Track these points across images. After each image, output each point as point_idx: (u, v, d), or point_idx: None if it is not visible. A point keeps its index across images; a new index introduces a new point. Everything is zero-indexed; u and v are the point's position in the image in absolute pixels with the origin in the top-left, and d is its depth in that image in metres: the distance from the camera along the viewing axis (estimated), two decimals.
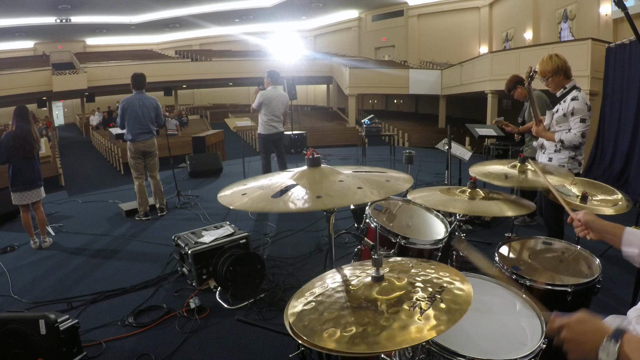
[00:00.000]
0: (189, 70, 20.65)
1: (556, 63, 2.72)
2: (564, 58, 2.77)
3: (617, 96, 6.91)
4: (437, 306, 0.96)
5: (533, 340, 1.22)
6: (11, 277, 3.42)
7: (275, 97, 5.30)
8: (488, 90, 12.39)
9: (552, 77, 2.76)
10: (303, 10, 23.10)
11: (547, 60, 2.75)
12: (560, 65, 2.72)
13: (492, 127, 5.50)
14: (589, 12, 12.00)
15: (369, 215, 2.11)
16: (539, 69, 2.78)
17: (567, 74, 2.77)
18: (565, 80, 2.78)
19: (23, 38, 23.42)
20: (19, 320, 2.03)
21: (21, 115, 4.03)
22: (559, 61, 2.72)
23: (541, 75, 2.79)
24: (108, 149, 13.14)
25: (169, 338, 2.51)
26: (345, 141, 14.80)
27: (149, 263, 3.65)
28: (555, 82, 2.78)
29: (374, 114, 9.40)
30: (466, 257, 1.64)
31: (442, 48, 20.46)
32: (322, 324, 0.96)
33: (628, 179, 6.36)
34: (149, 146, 4.81)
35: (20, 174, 3.98)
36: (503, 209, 1.85)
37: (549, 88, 2.85)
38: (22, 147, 3.92)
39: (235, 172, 7.40)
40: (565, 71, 2.74)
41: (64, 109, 25.94)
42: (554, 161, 2.90)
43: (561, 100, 2.81)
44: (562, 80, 2.77)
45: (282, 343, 2.40)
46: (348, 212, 4.22)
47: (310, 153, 1.43)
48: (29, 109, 4.19)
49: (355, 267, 1.25)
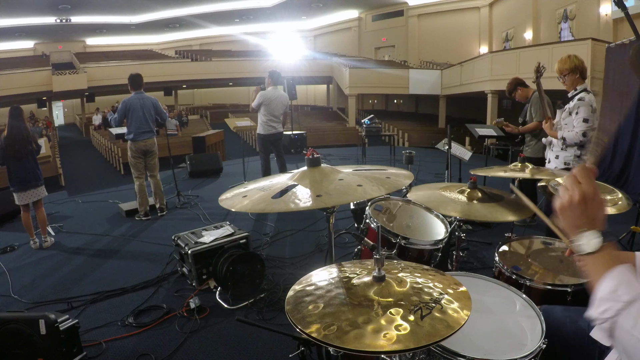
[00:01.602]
0: (189, 70, 20.65)
1: (574, 63, 2.88)
2: (582, 60, 2.93)
3: (617, 96, 6.91)
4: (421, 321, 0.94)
5: (533, 340, 1.22)
6: (11, 277, 3.42)
7: (275, 98, 5.30)
8: (488, 90, 12.39)
9: (569, 75, 2.90)
10: (303, 10, 23.10)
11: (566, 59, 2.91)
12: (578, 65, 2.88)
13: (492, 127, 5.50)
14: (589, 12, 12.01)
15: (369, 216, 2.11)
16: (557, 66, 2.93)
17: (583, 74, 2.92)
18: (580, 80, 2.92)
19: (23, 38, 23.41)
20: (19, 320, 2.03)
21: (13, 115, 4.03)
22: (577, 61, 2.88)
23: (558, 73, 2.94)
24: (108, 149, 13.14)
25: (169, 338, 2.50)
26: (345, 141, 14.80)
27: (149, 263, 3.64)
28: (570, 80, 2.91)
29: (374, 114, 9.41)
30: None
31: (442, 48, 20.46)
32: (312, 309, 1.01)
33: (628, 179, 6.36)
34: (149, 145, 4.82)
35: (14, 174, 4.00)
36: (502, 214, 1.84)
37: (565, 85, 2.97)
38: (12, 147, 3.92)
39: (235, 172, 7.39)
40: (581, 71, 2.90)
41: (64, 109, 25.93)
42: (560, 159, 3.00)
43: (570, 100, 2.93)
44: (577, 79, 2.91)
45: (282, 343, 2.39)
46: (348, 212, 4.22)
47: (310, 153, 1.43)
48: (22, 109, 4.18)
49: (354, 264, 1.25)
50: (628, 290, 0.72)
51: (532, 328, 1.28)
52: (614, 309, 0.71)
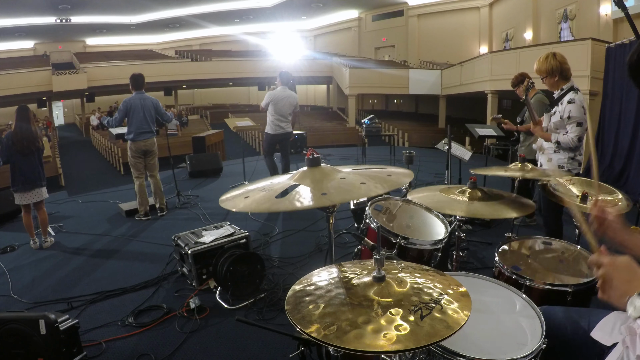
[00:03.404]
0: (189, 70, 20.64)
1: (551, 64, 2.70)
2: (563, 59, 2.72)
3: (617, 96, 6.91)
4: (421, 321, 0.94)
5: (533, 340, 1.22)
6: (11, 277, 3.42)
7: (282, 98, 5.36)
8: (488, 90, 12.38)
9: (546, 78, 2.75)
10: (303, 10, 23.10)
11: (543, 60, 2.74)
12: (555, 66, 2.69)
13: (492, 127, 5.50)
14: (589, 12, 12.00)
15: (369, 215, 2.11)
16: (535, 66, 2.77)
17: (564, 75, 2.73)
18: (561, 81, 2.75)
19: (23, 38, 23.41)
20: (19, 320, 2.03)
21: (20, 114, 4.05)
22: (555, 62, 2.69)
23: (537, 73, 2.80)
24: (108, 149, 13.15)
25: (169, 338, 2.50)
26: (345, 141, 14.80)
27: (149, 263, 3.65)
28: (549, 82, 2.77)
29: (374, 114, 9.41)
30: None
31: (442, 48, 20.46)
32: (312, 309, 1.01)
33: (628, 179, 6.36)
34: (149, 145, 4.83)
35: (20, 172, 3.97)
36: (503, 211, 1.85)
37: (546, 86, 2.84)
38: (21, 142, 3.93)
39: (235, 172, 7.39)
40: (561, 72, 2.71)
41: (64, 109, 25.94)
42: (553, 162, 2.87)
43: (558, 102, 2.76)
44: (557, 81, 2.75)
45: (282, 343, 2.39)
46: (348, 212, 4.22)
47: (310, 153, 1.43)
48: (29, 109, 4.21)
49: (354, 264, 1.25)
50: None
51: (532, 328, 1.28)
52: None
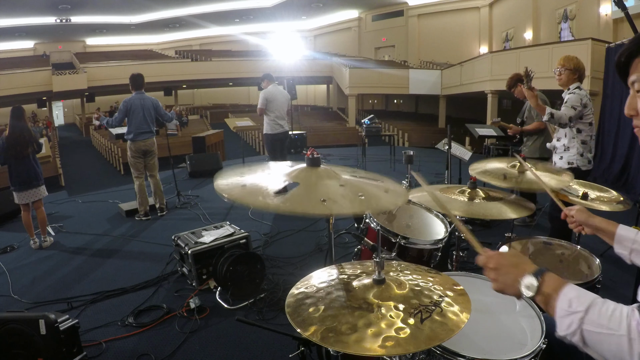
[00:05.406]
0: (189, 70, 20.64)
1: (579, 64, 3.02)
2: (584, 65, 3.07)
3: (617, 96, 6.91)
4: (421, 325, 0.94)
5: (533, 340, 1.22)
6: (11, 277, 3.42)
7: (277, 93, 5.38)
8: (488, 90, 12.38)
9: (569, 72, 3.00)
10: (303, 10, 23.10)
11: (573, 57, 3.04)
12: (581, 67, 3.02)
13: (492, 127, 5.50)
14: (589, 12, 12.00)
15: (369, 215, 2.11)
16: (561, 60, 3.04)
17: (581, 77, 3.03)
18: (576, 80, 3.02)
19: (23, 38, 23.40)
20: (19, 320, 2.03)
21: (15, 115, 4.05)
22: (580, 64, 3.03)
23: (560, 65, 3.03)
24: (108, 149, 13.14)
25: (169, 338, 2.51)
26: (345, 141, 14.79)
27: (149, 263, 3.65)
28: (567, 76, 3.01)
29: (374, 114, 9.42)
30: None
31: (442, 48, 20.45)
32: (312, 312, 1.01)
33: (628, 179, 6.36)
34: (149, 145, 4.84)
35: (15, 174, 4.02)
36: (503, 211, 1.84)
37: (559, 81, 3.05)
38: (14, 147, 3.94)
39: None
40: (580, 74, 3.02)
41: (64, 109, 25.91)
42: (564, 159, 3.07)
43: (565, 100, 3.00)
44: (574, 78, 3.01)
45: (282, 343, 2.40)
46: None
47: (310, 153, 1.43)
48: (23, 109, 4.21)
49: (354, 265, 1.25)
50: (580, 301, 0.80)
51: (532, 328, 1.28)
52: (576, 320, 0.78)
